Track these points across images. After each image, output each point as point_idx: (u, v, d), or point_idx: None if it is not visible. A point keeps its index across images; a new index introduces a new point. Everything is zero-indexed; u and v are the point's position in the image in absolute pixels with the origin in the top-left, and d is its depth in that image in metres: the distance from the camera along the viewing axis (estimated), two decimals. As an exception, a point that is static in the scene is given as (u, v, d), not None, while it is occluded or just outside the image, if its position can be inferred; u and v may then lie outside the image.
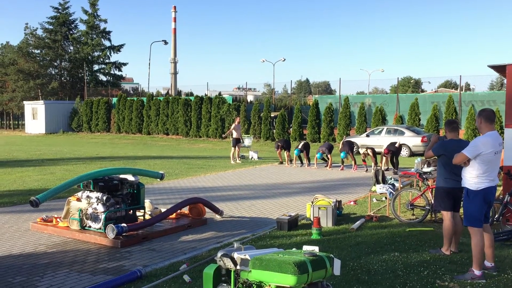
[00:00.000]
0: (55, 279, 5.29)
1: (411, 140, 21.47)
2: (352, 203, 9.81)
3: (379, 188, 9.05)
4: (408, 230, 7.44)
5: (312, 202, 8.10)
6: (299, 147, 16.64)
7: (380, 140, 22.01)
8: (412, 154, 21.12)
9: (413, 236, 7.12)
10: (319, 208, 7.88)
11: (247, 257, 3.59)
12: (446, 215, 6.16)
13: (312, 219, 7.57)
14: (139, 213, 7.80)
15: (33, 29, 50.69)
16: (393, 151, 14.96)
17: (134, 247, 6.63)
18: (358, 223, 7.83)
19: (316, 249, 3.79)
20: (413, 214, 8.39)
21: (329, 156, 16.34)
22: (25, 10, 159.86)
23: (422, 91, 68.86)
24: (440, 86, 75.72)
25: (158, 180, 9.10)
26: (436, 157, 6.35)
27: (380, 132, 22.50)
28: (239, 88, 68.41)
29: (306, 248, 3.83)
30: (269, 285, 3.48)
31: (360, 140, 22.50)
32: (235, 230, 7.71)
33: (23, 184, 12.07)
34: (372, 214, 8.55)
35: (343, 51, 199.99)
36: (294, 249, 3.88)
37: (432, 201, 7.47)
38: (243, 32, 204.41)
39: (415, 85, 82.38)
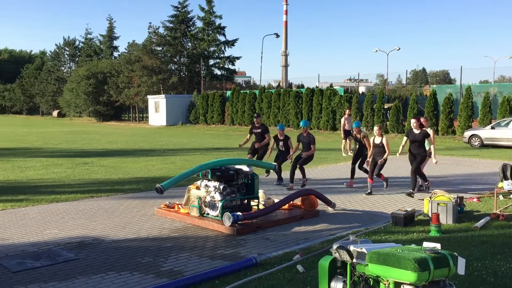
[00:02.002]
0: (178, 262, 5.66)
1: (545, 133, 19.44)
2: (475, 200, 9.16)
3: (507, 185, 8.34)
4: (541, 232, 6.77)
5: (430, 198, 7.70)
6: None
7: (508, 133, 20.29)
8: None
9: (547, 238, 6.47)
10: (438, 204, 7.47)
11: (364, 250, 3.52)
12: None
13: (430, 215, 7.21)
14: (253, 202, 8.03)
15: (155, 27, 54.34)
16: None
17: (249, 235, 6.85)
18: (482, 221, 7.29)
19: (438, 246, 3.61)
20: (547, 214, 7.61)
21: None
22: (149, 10, 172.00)
23: (558, 78, 61.79)
24: None
25: (271, 171, 9.28)
26: None
27: (508, 124, 20.66)
28: (350, 80, 67.11)
29: (426, 244, 3.66)
30: (387, 280, 3.39)
31: (484, 132, 20.92)
32: (347, 223, 7.61)
33: (148, 172, 13.03)
34: (499, 213, 7.90)
35: (464, 38, 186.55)
36: (413, 245, 3.72)
37: None
38: (355, 22, 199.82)
39: (550, 72, 74.15)
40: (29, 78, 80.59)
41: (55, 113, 70.95)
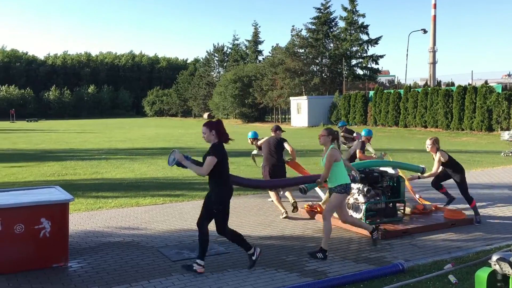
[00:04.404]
0: (323, 263, 5.69)
1: None
2: None
3: None
4: None
5: None
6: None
7: None
8: None
9: None
10: None
11: (529, 265, 3.18)
12: None
13: None
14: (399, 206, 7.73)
15: (298, 30, 55.32)
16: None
17: (395, 240, 6.61)
18: None
19: None
20: None
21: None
22: (292, 14, 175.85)
23: None
24: None
25: (419, 174, 8.83)
26: None
27: None
28: (509, 75, 60.78)
29: None
30: (559, 301, 3.02)
31: None
32: (506, 233, 6.93)
33: (288, 173, 13.28)
34: None
35: None
36: None
37: None
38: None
39: None
40: (183, 84, 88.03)
41: (205, 115, 76.34)
